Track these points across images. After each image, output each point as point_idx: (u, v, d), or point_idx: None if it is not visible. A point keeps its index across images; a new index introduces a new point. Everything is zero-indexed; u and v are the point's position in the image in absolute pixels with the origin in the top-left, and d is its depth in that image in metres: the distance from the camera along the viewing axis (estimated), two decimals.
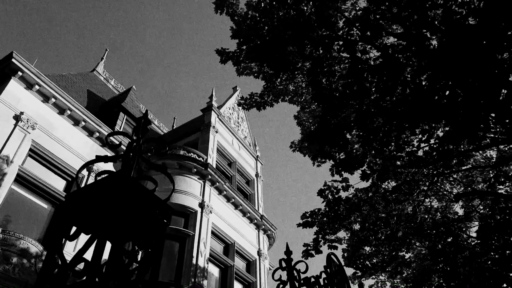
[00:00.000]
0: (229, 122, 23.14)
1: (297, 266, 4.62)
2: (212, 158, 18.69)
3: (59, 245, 2.15)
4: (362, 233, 9.77)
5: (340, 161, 8.17)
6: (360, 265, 10.91)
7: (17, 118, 12.14)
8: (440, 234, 9.67)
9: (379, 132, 6.90)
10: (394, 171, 8.25)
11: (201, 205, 15.87)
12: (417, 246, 11.48)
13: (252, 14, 9.26)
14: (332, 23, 7.05)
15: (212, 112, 21.28)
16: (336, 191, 9.45)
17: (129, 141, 2.64)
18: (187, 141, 20.66)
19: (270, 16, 8.59)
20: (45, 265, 2.07)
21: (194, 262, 14.20)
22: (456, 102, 5.86)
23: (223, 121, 22.08)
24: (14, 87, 12.54)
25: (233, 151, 21.93)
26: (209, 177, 16.88)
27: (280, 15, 8.32)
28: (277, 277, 4.49)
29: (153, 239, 2.31)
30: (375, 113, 6.84)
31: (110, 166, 14.81)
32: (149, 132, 19.47)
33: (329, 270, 5.20)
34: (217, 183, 17.25)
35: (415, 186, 9.21)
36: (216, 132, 20.54)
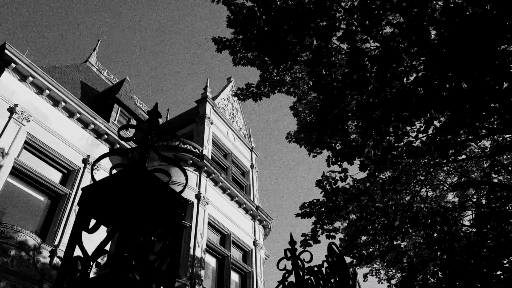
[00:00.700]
0: (224, 114, 23.12)
1: (301, 256, 4.68)
2: (208, 150, 18.70)
3: (79, 237, 2.17)
4: (360, 223, 9.89)
5: (339, 151, 8.23)
6: (357, 254, 11.07)
7: (12, 111, 12.02)
8: (437, 223, 9.82)
9: (379, 122, 6.96)
10: (392, 162, 8.33)
11: (197, 197, 15.93)
12: (413, 235, 11.64)
13: (249, 5, 9.21)
14: (332, 14, 7.05)
15: (207, 103, 21.23)
16: (334, 182, 9.54)
17: (143, 134, 2.66)
18: (182, 133, 20.62)
19: (268, 6, 8.55)
20: (65, 258, 2.09)
21: (192, 253, 14.29)
22: (456, 93, 5.93)
23: (218, 112, 22.04)
24: (8, 79, 12.40)
25: (228, 143, 21.95)
26: (205, 169, 16.90)
27: (278, 5, 8.29)
28: (282, 267, 4.54)
29: (171, 230, 2.35)
30: (375, 103, 6.90)
31: (106, 158, 14.76)
32: (142, 124, 19.38)
33: (331, 259, 5.29)
34: (213, 175, 17.29)
35: (412, 176, 9.32)
36: (211, 124, 20.52)
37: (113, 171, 2.46)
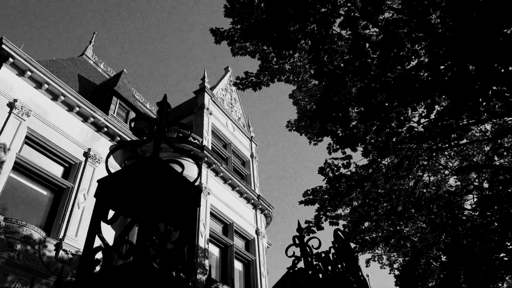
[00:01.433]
0: (223, 104, 23.08)
1: (309, 243, 4.74)
2: (207, 140, 18.72)
3: (98, 228, 2.20)
4: (363, 209, 9.95)
5: (342, 138, 8.25)
6: (360, 240, 11.17)
7: (11, 106, 11.99)
8: (440, 207, 9.89)
9: (381, 108, 6.97)
10: (395, 147, 8.36)
11: (199, 187, 16.00)
12: (416, 220, 11.73)
13: None
14: (333, 0, 7.01)
15: (205, 94, 21.18)
16: (337, 169, 9.59)
17: (156, 125, 2.68)
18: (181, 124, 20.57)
19: None
20: (86, 249, 2.12)
21: (195, 243, 14.40)
22: (459, 76, 5.94)
23: (217, 103, 22.00)
24: (6, 74, 12.34)
25: (228, 133, 21.96)
26: (206, 159, 16.93)
27: None
28: (290, 254, 4.60)
29: (187, 219, 2.38)
30: (377, 89, 6.90)
31: (107, 151, 14.77)
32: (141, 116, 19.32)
33: (337, 245, 5.36)
34: (214, 165, 17.33)
35: (415, 161, 9.37)
36: (210, 114, 20.50)
37: (126, 163, 2.48)
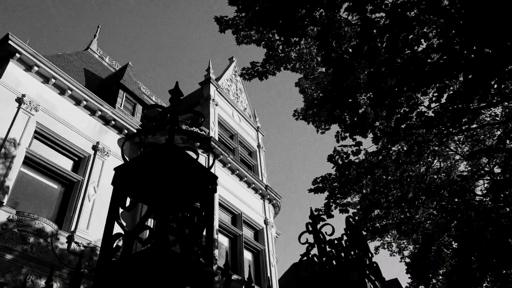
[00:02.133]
0: (228, 94, 23.04)
1: (322, 230, 4.75)
2: (214, 132, 18.73)
3: (117, 214, 2.22)
4: (373, 196, 9.93)
5: (352, 125, 8.21)
6: (371, 228, 11.17)
7: (20, 101, 12.07)
8: (453, 192, 9.85)
9: (390, 93, 6.90)
10: (405, 133, 8.30)
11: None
12: (427, 207, 11.68)
13: None
14: None
15: (211, 85, 21.14)
16: (346, 156, 9.55)
17: (169, 113, 2.68)
18: (187, 116, 20.57)
19: None
20: (106, 235, 2.13)
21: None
22: (472, 58, 5.86)
23: (222, 94, 21.97)
24: (14, 70, 12.39)
25: (234, 123, 21.95)
26: (213, 150, 16.96)
27: None
28: (304, 241, 4.62)
29: (204, 205, 2.39)
30: (386, 73, 6.83)
31: (115, 144, 14.85)
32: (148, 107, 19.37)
33: (349, 232, 5.37)
34: (221, 156, 17.35)
35: (425, 147, 9.30)
36: (216, 105, 20.47)
37: (141, 151, 2.50)
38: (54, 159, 12.70)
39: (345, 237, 5.49)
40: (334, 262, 4.76)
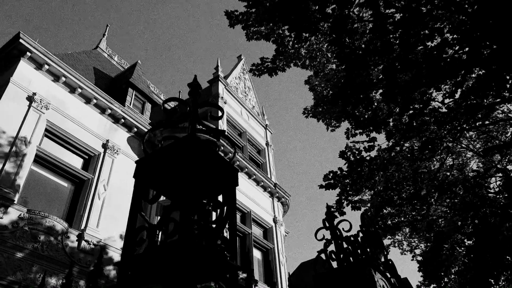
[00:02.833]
0: (237, 92, 23.00)
1: (339, 226, 4.68)
2: (223, 129, 18.70)
3: (139, 207, 2.18)
4: (386, 193, 9.83)
5: (365, 120, 8.12)
6: (383, 226, 11.07)
7: (30, 99, 12.11)
8: (468, 189, 9.71)
9: (405, 88, 6.81)
10: (419, 129, 8.20)
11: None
12: (439, 205, 11.54)
13: None
14: None
15: (219, 83, 21.12)
16: (358, 152, 9.46)
17: (189, 106, 2.64)
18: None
19: None
20: (129, 228, 2.09)
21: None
22: (484, 53, 5.77)
23: (231, 92, 21.94)
24: (24, 68, 12.45)
25: (243, 121, 21.91)
26: (222, 148, 16.92)
27: None
28: (320, 237, 4.55)
29: (227, 198, 2.34)
30: (401, 68, 6.74)
31: (125, 142, 14.87)
32: (156, 108, 19.37)
33: (365, 229, 5.30)
34: (230, 154, 17.32)
35: (439, 144, 9.17)
36: (225, 103, 20.45)
37: (162, 143, 2.46)
38: (64, 157, 12.74)
39: (361, 234, 5.41)
40: (351, 259, 4.69)
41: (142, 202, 2.20)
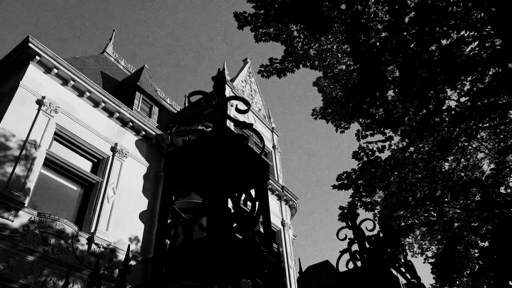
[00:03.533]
0: (243, 95, 22.97)
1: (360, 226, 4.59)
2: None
3: (171, 199, 2.10)
4: (400, 194, 9.70)
5: (382, 119, 8.01)
6: (396, 227, 10.92)
7: (40, 103, 12.11)
8: (485, 188, 9.57)
9: (420, 86, 6.71)
10: (434, 128, 8.08)
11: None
12: (454, 205, 11.38)
13: None
14: None
15: (226, 86, 21.08)
16: (372, 153, 9.35)
17: (217, 98, 2.57)
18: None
19: None
20: (160, 222, 2.02)
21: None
22: (502, 51, 5.67)
23: (237, 95, 21.89)
24: (34, 72, 12.47)
25: None
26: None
27: None
28: (342, 236, 4.46)
29: (259, 191, 2.26)
30: (418, 66, 6.64)
31: (133, 145, 14.85)
32: (163, 111, 19.36)
33: (385, 229, 5.22)
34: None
35: (454, 143, 9.05)
36: (231, 106, 20.39)
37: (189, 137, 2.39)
38: (74, 161, 12.72)
39: (381, 234, 5.31)
40: (374, 259, 4.58)
41: (173, 197, 2.13)
